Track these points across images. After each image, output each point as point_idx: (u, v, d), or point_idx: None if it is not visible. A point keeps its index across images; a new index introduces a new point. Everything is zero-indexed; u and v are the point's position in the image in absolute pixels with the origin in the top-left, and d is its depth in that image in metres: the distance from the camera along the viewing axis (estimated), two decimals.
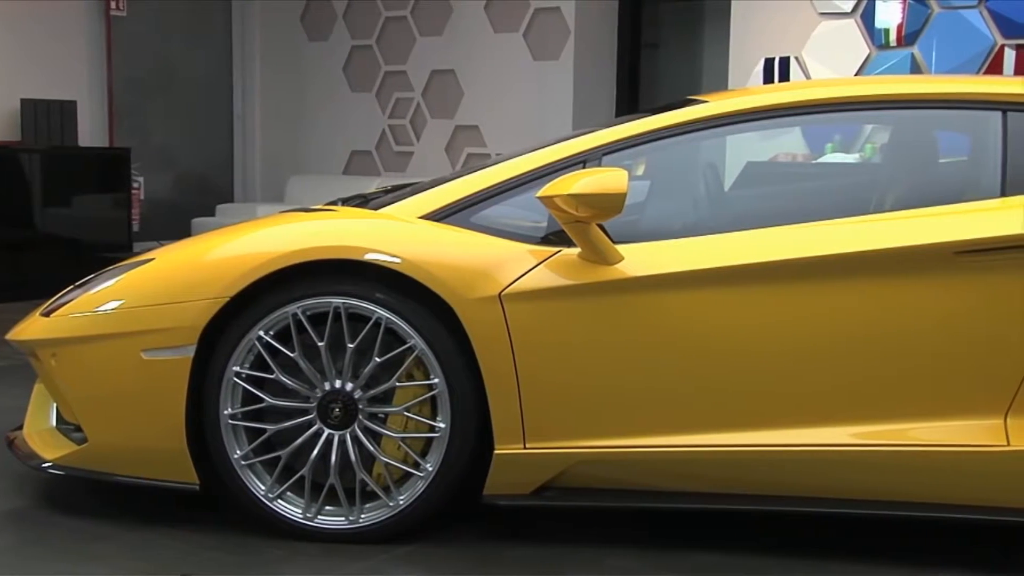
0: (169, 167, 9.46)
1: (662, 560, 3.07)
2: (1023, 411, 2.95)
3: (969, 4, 5.75)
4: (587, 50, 8.16)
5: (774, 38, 6.73)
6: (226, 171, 9.82)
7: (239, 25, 9.64)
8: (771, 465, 3.04)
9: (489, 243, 3.14)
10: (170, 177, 9.48)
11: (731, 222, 3.33)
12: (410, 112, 9.02)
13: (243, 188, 9.81)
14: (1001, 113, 3.16)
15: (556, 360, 3.08)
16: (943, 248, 2.95)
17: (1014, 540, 3.23)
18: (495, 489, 3.12)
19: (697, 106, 3.37)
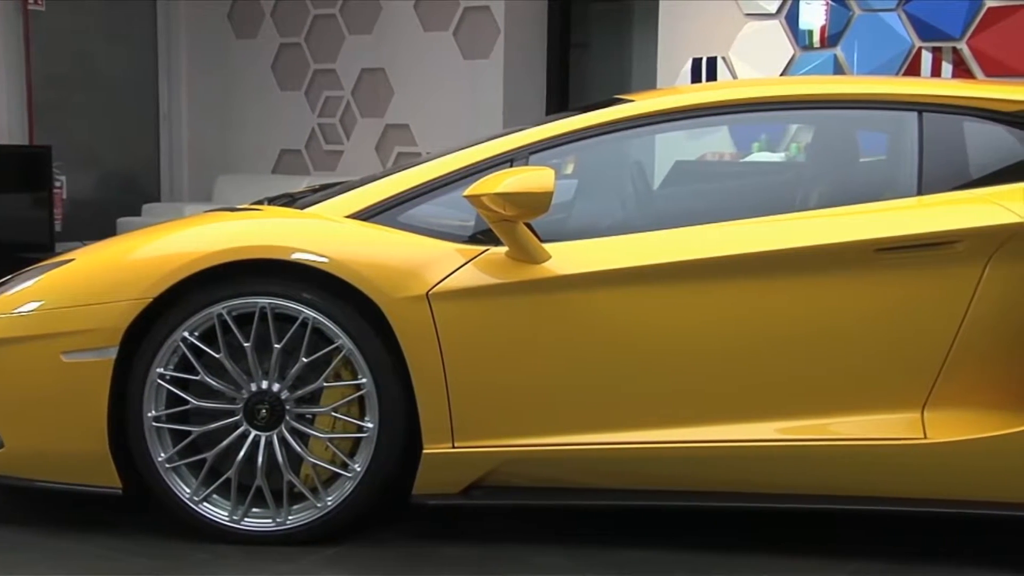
0: (93, 166, 9.28)
1: (588, 557, 3.09)
2: (940, 405, 3.02)
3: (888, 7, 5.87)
4: (517, 49, 8.18)
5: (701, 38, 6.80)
6: (152, 170, 9.67)
7: (164, 21, 9.49)
8: (697, 461, 3.07)
9: (416, 242, 3.13)
10: (94, 176, 9.30)
11: (658, 221, 3.35)
12: (340, 111, 8.96)
13: (170, 187, 9.66)
14: (917, 114, 3.23)
15: (484, 359, 3.08)
16: (864, 246, 3.01)
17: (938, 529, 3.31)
18: (424, 489, 3.12)
19: (623, 105, 3.40)
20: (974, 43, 5.53)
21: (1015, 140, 3.19)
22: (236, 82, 9.50)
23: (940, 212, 3.04)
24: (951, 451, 2.95)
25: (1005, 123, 3.19)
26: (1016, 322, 3.00)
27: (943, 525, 3.32)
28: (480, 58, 8.22)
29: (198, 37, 9.46)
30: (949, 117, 3.22)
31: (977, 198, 3.05)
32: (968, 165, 3.20)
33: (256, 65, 9.35)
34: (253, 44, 9.37)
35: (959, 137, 3.22)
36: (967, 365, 3.01)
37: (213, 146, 9.61)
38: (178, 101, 9.50)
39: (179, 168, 9.60)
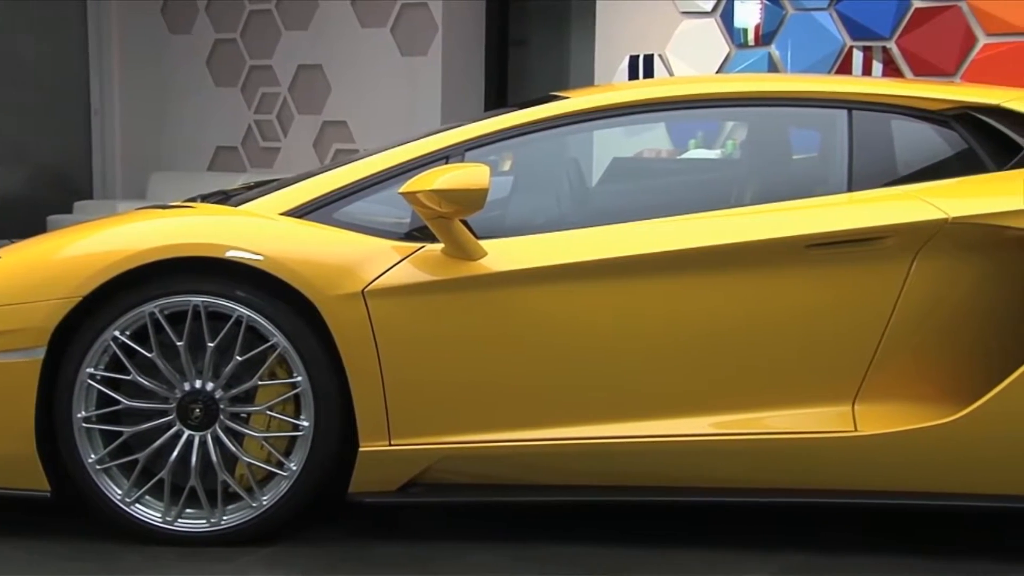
0: (22, 162, 9.09)
1: (522, 553, 3.10)
2: (870, 398, 3.08)
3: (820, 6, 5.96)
4: (455, 46, 8.17)
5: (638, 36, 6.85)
6: (84, 167, 9.49)
7: (95, 16, 9.32)
8: (634, 456, 3.09)
9: (352, 239, 3.12)
10: (23, 172, 9.11)
11: (595, 217, 3.38)
12: (276, 107, 8.88)
13: (102, 184, 9.49)
14: (847, 111, 3.28)
15: (421, 356, 3.07)
16: (795, 242, 3.05)
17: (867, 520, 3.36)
18: (361, 487, 3.11)
19: (559, 102, 3.41)
20: (903, 43, 5.63)
21: (940, 138, 3.25)
22: (170, 78, 9.37)
23: (869, 208, 3.09)
24: (881, 443, 3.01)
25: (931, 121, 3.25)
26: (942, 316, 3.06)
27: (872, 516, 3.37)
28: (418, 55, 8.20)
29: (130, 32, 9.31)
30: (877, 115, 3.28)
31: (905, 194, 3.10)
32: (896, 162, 3.26)
33: (191, 61, 9.22)
34: (187, 40, 9.24)
35: (887, 135, 3.28)
36: (896, 358, 3.07)
37: (147, 142, 9.46)
38: (110, 96, 9.34)
39: (112, 165, 9.44)
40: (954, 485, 3.05)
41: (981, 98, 3.25)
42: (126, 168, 9.45)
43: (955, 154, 3.25)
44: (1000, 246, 3.02)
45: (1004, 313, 3.05)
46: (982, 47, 5.38)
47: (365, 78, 8.40)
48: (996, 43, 5.34)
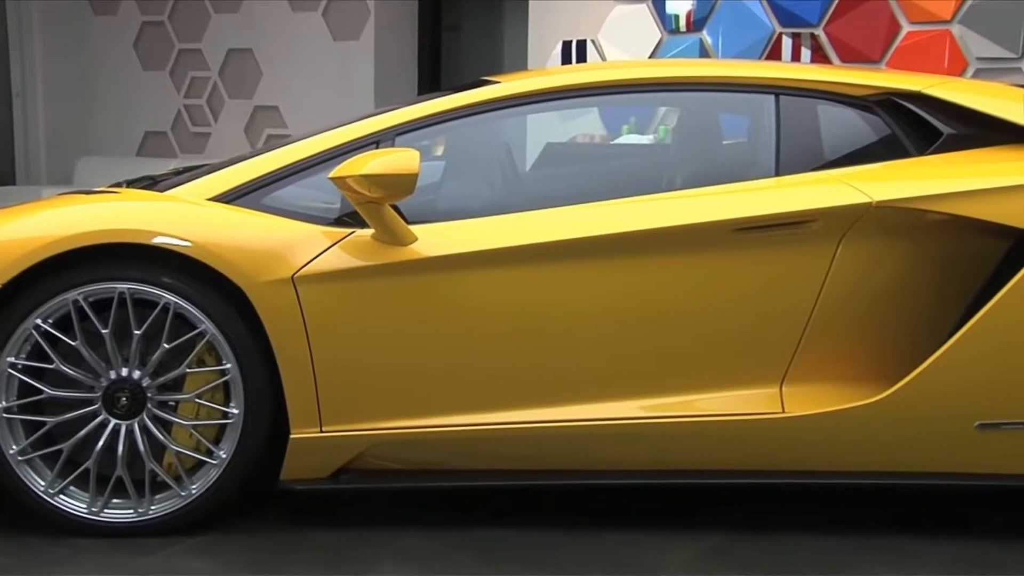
0: None
1: (457, 538, 3.11)
2: (797, 379, 3.12)
3: None
4: (388, 31, 8.11)
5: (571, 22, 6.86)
6: (6, 151, 9.27)
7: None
8: (566, 440, 3.11)
9: (281, 225, 3.09)
10: None
11: (527, 202, 3.37)
12: (207, 92, 8.75)
13: (26, 169, 9.28)
14: (774, 97, 3.32)
15: (351, 342, 3.06)
16: (723, 226, 3.08)
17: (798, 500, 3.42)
18: (292, 474, 3.09)
19: (490, 87, 3.41)
20: (830, 30, 5.70)
21: (864, 123, 3.30)
22: (96, 61, 9.18)
23: (796, 192, 3.13)
24: (807, 424, 3.05)
25: (855, 107, 3.30)
26: (867, 298, 3.12)
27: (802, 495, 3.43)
28: (350, 39, 8.13)
29: (52, 13, 9.10)
30: (804, 100, 3.32)
31: (830, 179, 3.15)
32: (822, 147, 3.30)
33: (117, 44, 9.05)
34: (113, 22, 9.06)
35: (814, 120, 3.32)
36: (823, 340, 3.11)
37: (72, 127, 9.27)
38: (33, 79, 9.13)
39: (35, 149, 9.23)
40: (878, 464, 3.11)
41: (903, 85, 3.31)
42: (51, 153, 9.25)
43: (879, 139, 3.30)
44: (922, 229, 3.08)
45: (926, 295, 3.12)
46: (906, 35, 5.47)
47: (297, 63, 8.32)
48: (919, 31, 5.43)
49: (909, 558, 2.99)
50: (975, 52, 5.27)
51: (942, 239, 3.10)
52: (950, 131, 3.19)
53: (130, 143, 9.18)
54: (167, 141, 9.03)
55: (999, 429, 3.00)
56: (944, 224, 3.06)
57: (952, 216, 3.02)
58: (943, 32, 5.35)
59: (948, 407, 3.01)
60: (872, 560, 2.97)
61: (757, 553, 3.02)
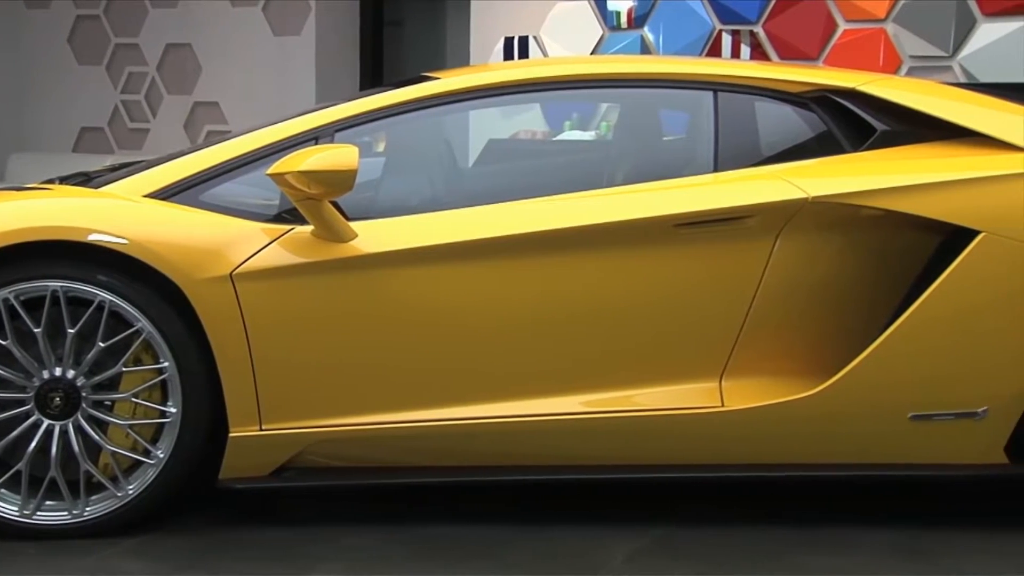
0: None
1: (398, 535, 3.10)
2: (736, 374, 3.15)
3: None
4: (329, 26, 8.06)
5: (513, 18, 6.86)
6: None
7: None
8: (507, 436, 3.11)
9: (219, 222, 3.07)
10: None
11: (468, 198, 3.38)
12: (144, 87, 8.64)
13: None
14: (713, 93, 3.35)
15: (291, 340, 3.04)
16: (663, 221, 3.10)
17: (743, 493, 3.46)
18: (232, 472, 3.06)
19: (430, 83, 3.41)
20: (769, 27, 5.77)
21: (801, 120, 3.34)
22: (28, 55, 9.00)
23: (734, 188, 3.16)
24: (746, 418, 3.09)
25: (792, 103, 3.34)
26: (804, 292, 3.16)
27: (741, 488, 3.47)
28: (291, 35, 8.07)
29: None
30: (742, 97, 3.35)
31: (768, 175, 3.18)
32: (760, 143, 3.34)
33: (51, 38, 8.88)
34: (46, 15, 8.90)
35: (751, 116, 3.35)
36: (761, 335, 3.15)
37: (4, 122, 9.08)
38: None
39: None
40: (815, 456, 3.15)
41: (838, 82, 3.36)
42: None
43: (815, 135, 3.35)
44: (857, 225, 3.13)
45: (861, 290, 3.17)
46: (842, 33, 5.55)
47: (237, 58, 8.24)
48: (855, 29, 5.52)
49: (844, 547, 3.03)
50: (909, 50, 5.36)
51: (877, 234, 3.15)
52: (884, 128, 3.25)
53: (65, 139, 9.02)
54: (104, 137, 8.90)
55: (931, 420, 3.06)
56: (878, 219, 3.11)
57: (886, 211, 3.07)
58: (878, 30, 5.43)
59: (882, 399, 3.06)
60: (809, 550, 3.01)
61: (699, 546, 3.05)
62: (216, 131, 8.27)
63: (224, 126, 8.28)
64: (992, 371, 3.04)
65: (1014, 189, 3.04)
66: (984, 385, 3.04)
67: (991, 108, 3.28)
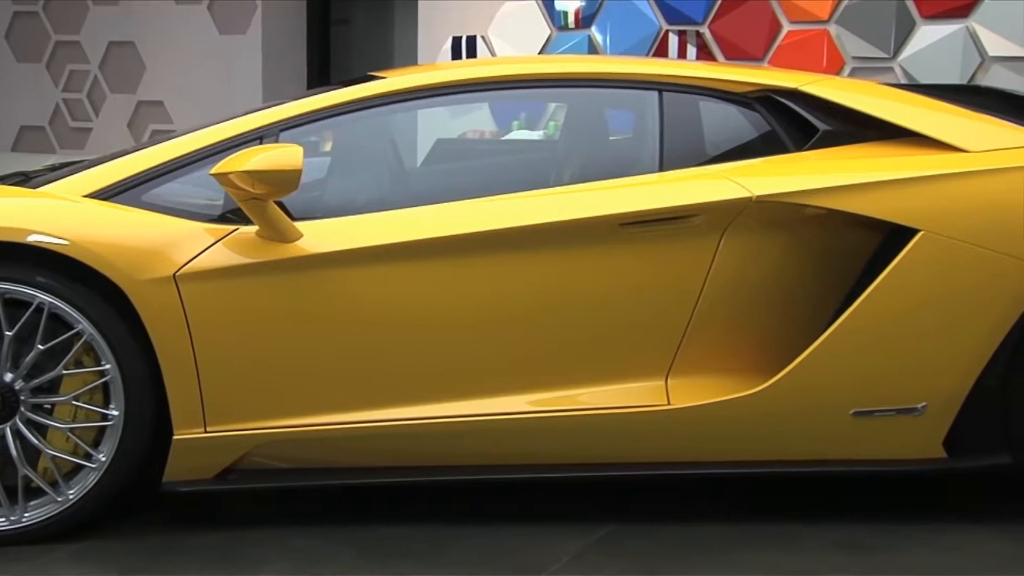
0: None
1: (345, 536, 3.09)
2: (682, 372, 3.17)
3: None
4: (275, 25, 8.00)
5: (461, 17, 6.86)
6: None
7: None
8: (454, 436, 3.11)
9: (162, 222, 3.04)
10: None
11: (416, 198, 3.38)
12: (87, 86, 8.52)
13: None
14: (658, 93, 3.37)
15: (236, 341, 3.02)
16: (608, 220, 3.11)
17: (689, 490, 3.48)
18: (176, 475, 3.03)
19: (376, 82, 3.40)
20: (715, 28, 5.81)
21: (745, 119, 3.37)
22: None
23: (679, 188, 3.18)
24: (692, 415, 3.11)
25: (736, 103, 3.37)
26: (749, 291, 3.18)
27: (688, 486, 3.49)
28: (237, 33, 8.00)
29: None
30: (686, 97, 3.37)
31: (712, 174, 3.20)
32: (704, 143, 3.36)
33: None
34: None
35: (696, 116, 3.37)
36: (706, 333, 3.17)
37: None
38: None
39: None
40: (760, 453, 3.18)
41: (781, 82, 3.39)
42: None
43: (759, 135, 3.38)
44: (800, 223, 3.17)
45: (805, 288, 3.20)
46: (787, 33, 5.61)
47: (182, 57, 8.15)
48: (799, 30, 5.58)
49: (787, 543, 3.06)
50: (851, 51, 5.43)
51: (820, 233, 3.18)
52: (825, 128, 3.28)
53: (4, 138, 8.88)
54: (45, 136, 8.76)
55: (873, 416, 3.10)
56: (821, 218, 3.15)
57: (828, 210, 3.11)
58: (821, 32, 5.50)
59: (825, 396, 3.09)
60: (753, 546, 3.04)
61: (644, 544, 3.07)
62: (161, 130, 8.17)
63: (169, 125, 8.18)
64: (931, 367, 3.09)
65: (952, 188, 3.09)
66: (924, 381, 3.09)
67: (929, 109, 3.33)
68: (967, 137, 3.20)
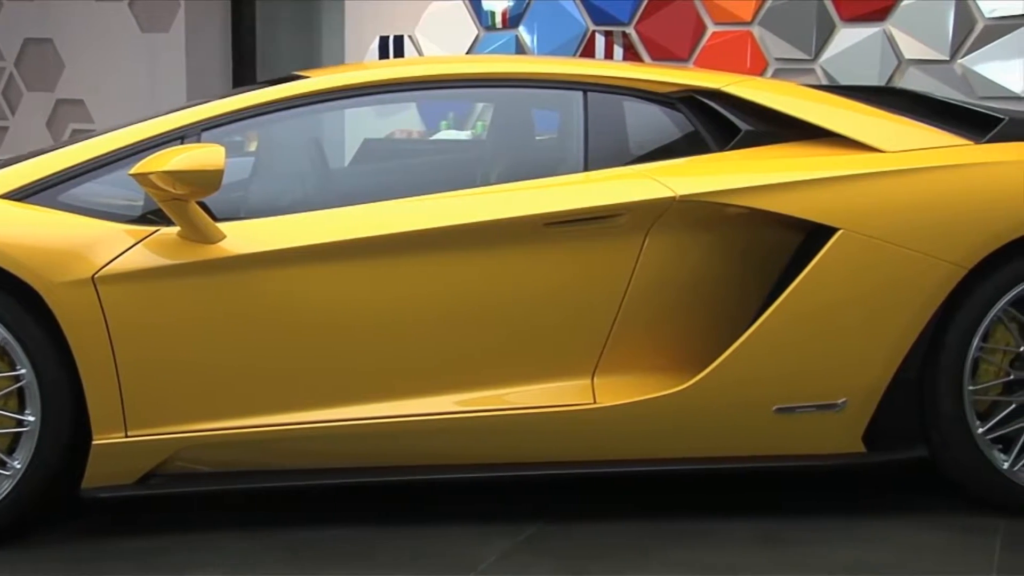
0: None
1: (268, 539, 3.06)
2: (608, 370, 3.20)
3: None
4: (199, 23, 7.89)
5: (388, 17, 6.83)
6: None
7: None
8: (380, 437, 3.10)
9: (80, 223, 2.99)
10: None
11: (341, 198, 3.35)
12: (2, 83, 8.34)
13: None
14: (583, 93, 3.39)
15: (157, 344, 2.98)
16: (534, 220, 3.12)
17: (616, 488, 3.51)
18: (96, 481, 2.98)
19: (299, 82, 3.38)
20: (641, 28, 5.86)
21: (669, 119, 3.41)
22: None
23: (603, 187, 3.20)
24: (618, 414, 3.13)
25: (660, 103, 3.40)
26: (674, 290, 3.22)
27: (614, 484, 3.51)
28: (159, 31, 7.88)
29: None
30: (611, 97, 3.40)
31: (636, 174, 3.23)
32: (629, 143, 3.39)
33: None
34: None
35: (620, 116, 3.40)
36: (632, 332, 3.20)
37: None
38: None
39: None
40: (685, 450, 3.21)
41: (704, 82, 3.43)
42: None
43: (682, 135, 3.41)
44: (723, 222, 3.21)
45: (728, 287, 3.24)
46: (711, 35, 5.67)
47: (102, 55, 8.00)
48: (723, 31, 5.64)
49: (710, 538, 3.10)
50: (774, 53, 5.51)
51: (743, 232, 3.23)
52: (747, 128, 3.33)
53: None
54: None
55: (794, 413, 3.15)
56: (743, 217, 3.19)
57: (750, 209, 3.15)
58: (745, 33, 5.57)
59: (748, 393, 3.13)
60: (677, 543, 3.07)
61: (570, 542, 3.08)
62: (81, 130, 8.02)
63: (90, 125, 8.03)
64: (851, 364, 3.14)
65: (869, 188, 3.15)
66: (843, 377, 3.14)
67: (847, 110, 3.39)
68: (883, 138, 3.27)
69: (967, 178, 3.16)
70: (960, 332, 3.13)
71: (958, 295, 3.12)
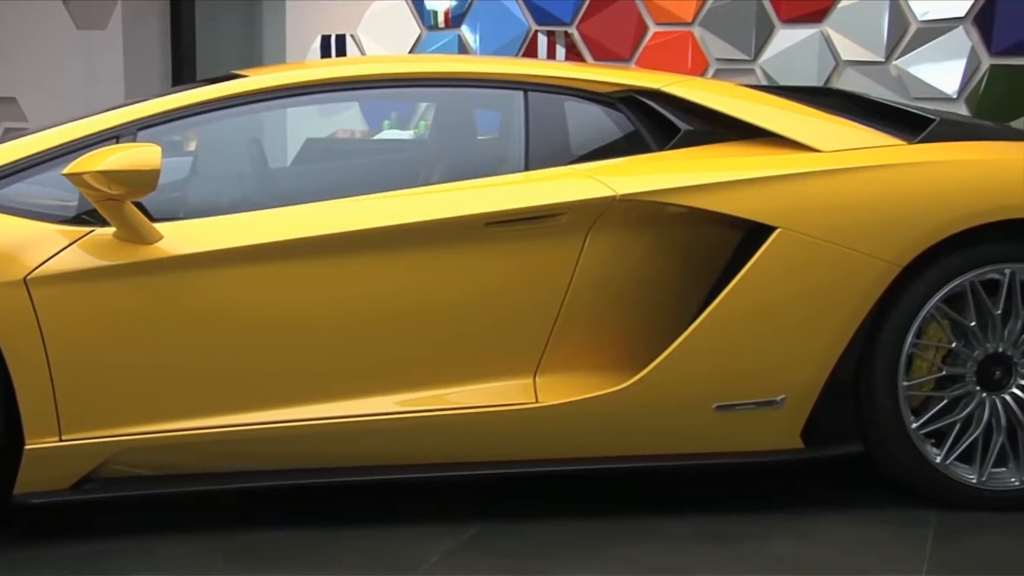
0: None
1: (209, 543, 3.04)
2: (550, 370, 3.21)
3: None
4: (137, 20, 7.79)
5: (330, 16, 6.80)
6: None
7: None
8: (322, 438, 3.08)
9: (11, 224, 2.94)
10: None
11: (283, 198, 3.34)
12: None
13: None
14: (523, 92, 3.39)
15: (92, 346, 2.94)
16: (474, 220, 3.12)
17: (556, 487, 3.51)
18: (28, 487, 2.93)
19: (236, 81, 3.35)
20: (583, 28, 5.88)
21: (609, 119, 3.42)
22: None
23: (544, 187, 3.21)
24: (560, 413, 3.14)
25: (600, 103, 3.42)
26: (615, 288, 3.23)
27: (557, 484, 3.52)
28: (96, 29, 7.76)
29: None
30: (551, 96, 3.40)
31: (577, 173, 3.24)
32: (569, 142, 3.40)
33: None
34: None
35: (561, 116, 3.41)
36: (573, 331, 3.21)
37: None
38: None
39: None
40: (628, 448, 3.23)
41: (644, 82, 3.45)
42: None
43: (623, 135, 3.43)
44: (663, 221, 3.23)
45: (669, 285, 3.27)
46: (653, 35, 5.72)
47: (36, 52, 7.87)
48: (664, 32, 5.69)
49: (653, 536, 3.12)
50: (715, 53, 5.56)
51: (683, 231, 3.25)
52: (687, 127, 3.35)
53: None
54: None
55: (734, 410, 3.18)
56: (683, 216, 3.21)
57: (689, 208, 3.17)
58: (686, 33, 5.62)
59: (689, 392, 3.16)
60: (620, 540, 3.09)
61: (515, 541, 3.09)
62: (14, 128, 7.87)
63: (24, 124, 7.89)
64: (790, 361, 3.18)
65: (806, 187, 3.18)
66: (782, 374, 3.18)
67: (784, 110, 3.43)
68: (820, 137, 3.31)
69: (900, 177, 3.22)
70: (895, 329, 3.18)
71: (893, 293, 3.17)
